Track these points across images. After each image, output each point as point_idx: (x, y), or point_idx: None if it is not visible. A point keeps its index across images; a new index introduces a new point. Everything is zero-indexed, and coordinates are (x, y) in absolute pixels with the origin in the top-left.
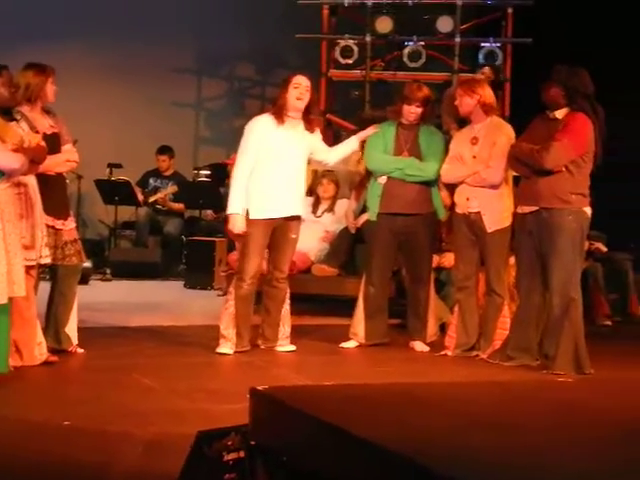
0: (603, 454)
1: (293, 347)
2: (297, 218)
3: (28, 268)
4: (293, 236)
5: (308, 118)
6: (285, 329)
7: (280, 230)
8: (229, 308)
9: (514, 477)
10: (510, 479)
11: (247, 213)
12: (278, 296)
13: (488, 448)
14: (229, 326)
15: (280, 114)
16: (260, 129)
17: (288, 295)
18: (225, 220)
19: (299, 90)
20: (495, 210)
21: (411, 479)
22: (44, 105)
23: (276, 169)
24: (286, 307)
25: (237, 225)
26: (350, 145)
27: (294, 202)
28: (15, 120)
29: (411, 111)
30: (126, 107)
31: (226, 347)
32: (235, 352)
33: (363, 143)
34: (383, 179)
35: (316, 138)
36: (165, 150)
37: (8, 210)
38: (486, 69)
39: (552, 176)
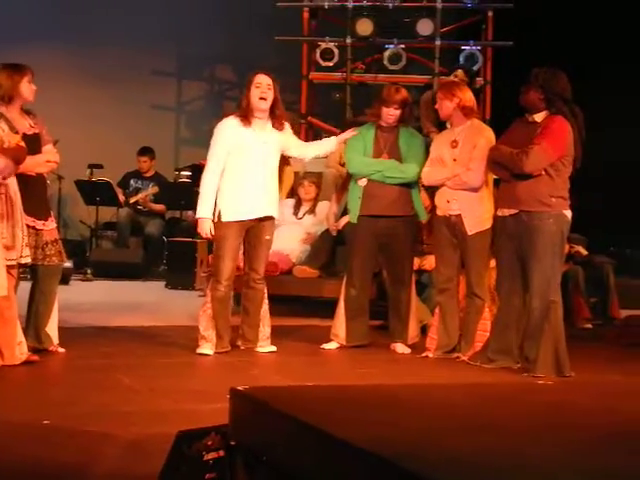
0: (583, 455)
1: (273, 348)
2: (270, 219)
3: (8, 268)
4: (267, 237)
5: (275, 116)
6: (265, 329)
7: (254, 232)
8: (207, 310)
9: (495, 478)
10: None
11: (219, 215)
12: (256, 297)
13: (469, 450)
14: (208, 327)
15: (246, 115)
16: (227, 131)
17: (266, 296)
18: (196, 223)
19: (260, 89)
20: (475, 213)
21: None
22: (23, 105)
23: (246, 171)
24: (265, 308)
25: (204, 229)
26: (329, 144)
27: (266, 203)
28: None
29: (389, 113)
30: (107, 109)
31: (206, 348)
32: (215, 353)
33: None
34: (363, 181)
35: (287, 135)
36: (146, 151)
37: None
38: (459, 72)
39: (532, 179)
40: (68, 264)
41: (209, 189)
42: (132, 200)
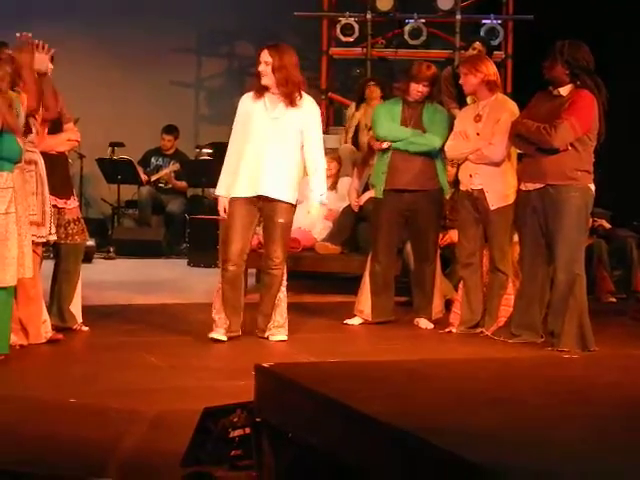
0: (607, 430)
1: (284, 337)
2: (284, 203)
3: (34, 246)
4: (280, 220)
5: (284, 92)
6: (277, 318)
7: (265, 212)
8: (219, 292)
9: (517, 452)
10: (513, 454)
11: (227, 192)
12: (271, 283)
13: (491, 424)
14: (220, 310)
15: (258, 90)
16: (241, 107)
17: (284, 282)
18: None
19: (259, 67)
20: (498, 187)
21: (415, 454)
22: None
23: (251, 145)
24: (280, 296)
25: (220, 207)
26: (317, 191)
27: (272, 183)
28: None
29: (418, 90)
30: (127, 86)
31: (218, 333)
32: (229, 338)
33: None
34: (385, 144)
35: (308, 121)
36: (171, 130)
37: (21, 192)
38: (477, 44)
39: (558, 153)
40: (91, 242)
41: (225, 166)
42: (154, 178)
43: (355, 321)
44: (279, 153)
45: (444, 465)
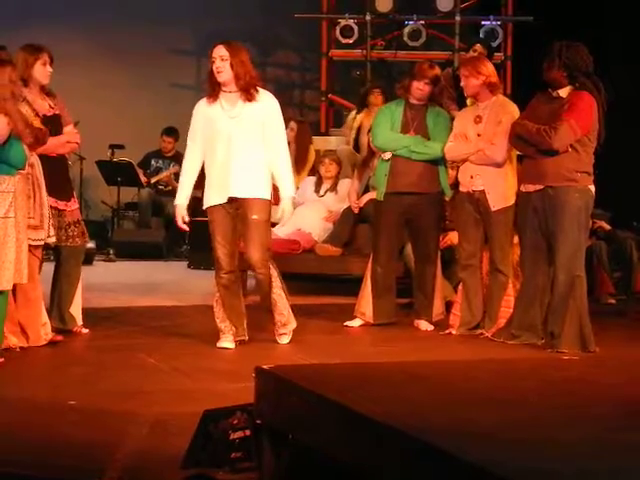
0: (607, 430)
1: (287, 340)
2: (255, 199)
3: (34, 248)
4: (254, 217)
5: (242, 87)
6: (277, 318)
7: (240, 214)
8: (218, 300)
9: (517, 453)
10: (513, 455)
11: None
12: (261, 283)
13: (491, 424)
14: (224, 319)
15: (210, 93)
16: (198, 114)
17: (275, 282)
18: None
19: (215, 64)
20: (499, 188)
21: (415, 455)
22: (44, 86)
23: (216, 151)
24: (274, 297)
25: (177, 216)
26: (288, 186)
27: (244, 183)
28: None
29: (419, 88)
30: (127, 88)
31: (227, 341)
32: (238, 342)
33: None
34: (387, 155)
35: (267, 112)
36: (171, 132)
37: (20, 198)
38: (477, 46)
39: (558, 155)
40: (91, 245)
41: (184, 175)
42: (154, 180)
43: (355, 323)
44: (244, 151)
45: (444, 466)
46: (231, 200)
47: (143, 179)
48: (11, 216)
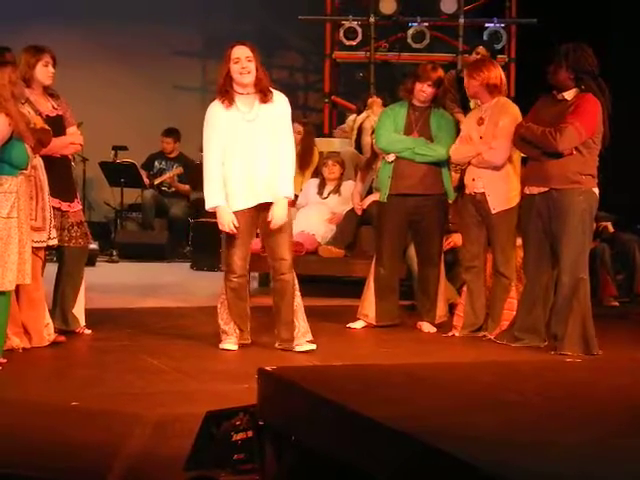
0: (610, 433)
1: (313, 346)
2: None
3: (36, 250)
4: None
5: (259, 89)
6: (301, 324)
7: (264, 217)
8: (224, 302)
9: (519, 456)
10: (515, 457)
11: None
12: (285, 290)
13: (493, 427)
14: (229, 321)
15: (225, 96)
16: (215, 118)
17: (297, 286)
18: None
19: (240, 64)
20: (500, 191)
21: (418, 457)
22: (47, 87)
23: (237, 156)
24: (297, 301)
25: (225, 218)
26: (287, 186)
27: (265, 188)
28: (21, 103)
29: (422, 89)
30: (131, 90)
31: (230, 343)
32: (240, 345)
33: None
34: (391, 157)
35: (278, 114)
36: (171, 133)
37: (23, 198)
38: (480, 48)
39: (563, 157)
40: (94, 246)
41: (213, 176)
42: (157, 181)
43: (358, 324)
44: (266, 155)
45: (447, 468)
46: (256, 205)
47: (146, 180)
48: (14, 216)
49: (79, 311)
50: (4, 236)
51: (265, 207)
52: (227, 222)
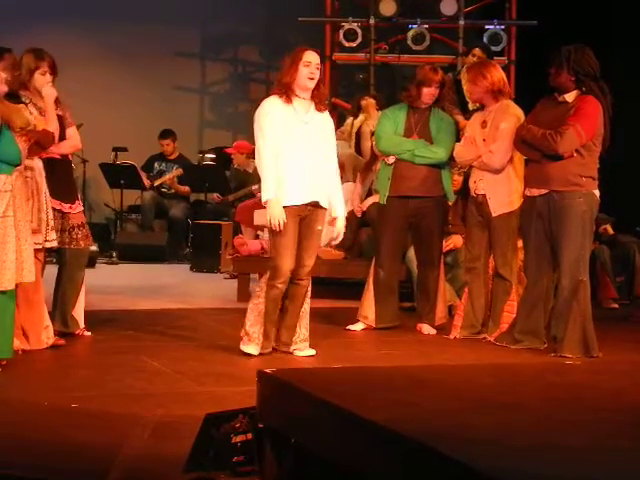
0: (610, 436)
1: (312, 352)
2: (323, 208)
3: (35, 252)
4: (319, 227)
5: (318, 96)
6: (302, 331)
7: (306, 221)
8: (259, 305)
9: (519, 458)
10: (515, 460)
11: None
12: (299, 294)
13: (493, 429)
14: (256, 323)
15: (287, 94)
16: (274, 112)
17: (309, 293)
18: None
19: (310, 69)
20: (500, 194)
21: (417, 459)
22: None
23: (291, 152)
24: (305, 307)
25: (276, 211)
26: (337, 204)
27: (314, 189)
28: (24, 104)
29: (431, 92)
30: (130, 91)
31: (251, 348)
32: (259, 354)
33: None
34: (391, 159)
35: (329, 127)
36: (167, 134)
37: (19, 197)
38: (476, 50)
39: (563, 159)
40: (94, 247)
41: (269, 170)
42: (156, 183)
43: (357, 326)
44: (316, 158)
45: (446, 471)
46: (306, 205)
47: (146, 182)
48: (9, 215)
49: (78, 313)
50: (0, 235)
51: (313, 211)
52: (278, 215)
